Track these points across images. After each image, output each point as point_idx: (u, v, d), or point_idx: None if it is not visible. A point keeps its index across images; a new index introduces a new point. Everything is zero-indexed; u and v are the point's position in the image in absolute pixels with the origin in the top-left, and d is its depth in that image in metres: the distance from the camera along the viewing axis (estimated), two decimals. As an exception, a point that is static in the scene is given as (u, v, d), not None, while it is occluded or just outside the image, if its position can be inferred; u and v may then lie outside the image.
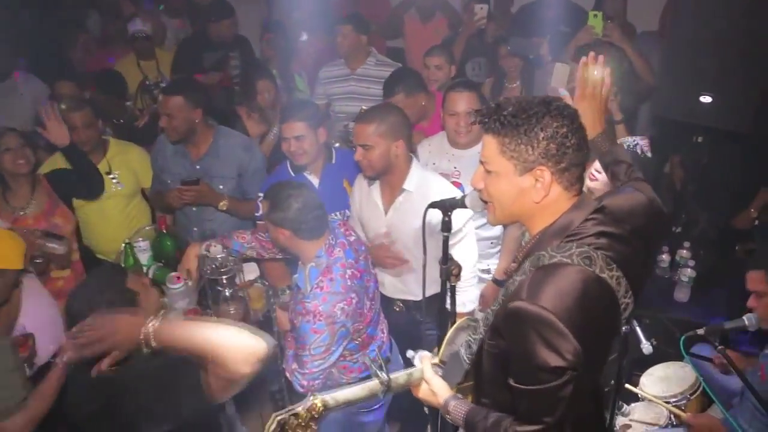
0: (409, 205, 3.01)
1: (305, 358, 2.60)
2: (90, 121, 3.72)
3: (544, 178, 1.62)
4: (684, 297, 3.56)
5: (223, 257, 3.14)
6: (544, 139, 1.59)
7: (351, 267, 2.67)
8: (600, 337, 1.60)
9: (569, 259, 1.57)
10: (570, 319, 1.48)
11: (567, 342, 1.47)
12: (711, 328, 2.54)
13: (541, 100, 1.64)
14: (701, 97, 3.31)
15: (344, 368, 2.83)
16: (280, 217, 2.61)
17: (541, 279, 1.56)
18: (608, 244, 1.62)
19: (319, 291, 2.58)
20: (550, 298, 1.50)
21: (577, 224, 1.64)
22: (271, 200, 2.65)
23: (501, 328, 1.61)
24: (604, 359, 1.72)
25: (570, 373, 1.49)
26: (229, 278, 3.15)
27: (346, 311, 2.59)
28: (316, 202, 2.66)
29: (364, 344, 2.80)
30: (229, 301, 3.18)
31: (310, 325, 2.55)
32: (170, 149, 3.69)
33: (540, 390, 1.53)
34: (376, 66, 4.70)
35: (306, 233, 2.64)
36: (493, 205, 1.76)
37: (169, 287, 3.18)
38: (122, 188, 3.90)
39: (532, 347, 1.50)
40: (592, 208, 1.66)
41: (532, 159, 1.62)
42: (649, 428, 2.87)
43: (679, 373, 3.05)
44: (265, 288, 3.48)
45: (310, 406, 1.74)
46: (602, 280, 1.57)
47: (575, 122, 1.63)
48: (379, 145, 2.92)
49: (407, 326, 3.21)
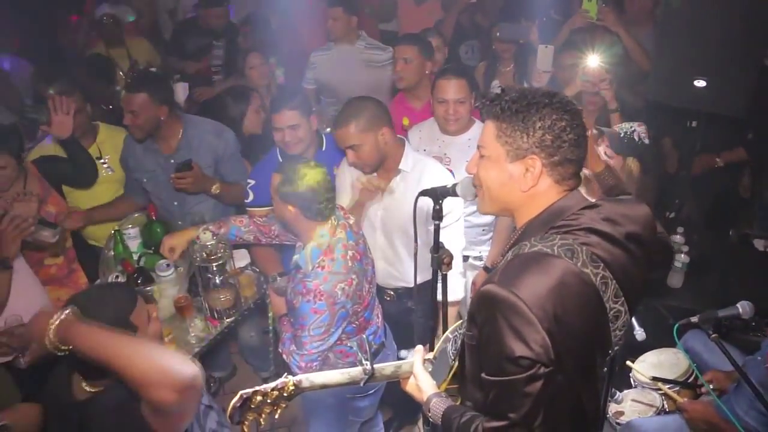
0: (405, 187, 2.98)
1: (304, 339, 2.59)
2: (79, 106, 3.64)
3: (534, 168, 1.60)
4: (677, 283, 3.55)
5: (213, 244, 3.11)
6: (541, 128, 1.58)
7: (352, 248, 2.65)
8: (577, 338, 1.52)
9: (550, 249, 1.54)
10: (541, 308, 1.44)
11: (534, 331, 1.43)
12: (705, 315, 2.52)
13: (545, 92, 1.63)
14: (695, 81, 3.28)
15: (341, 352, 2.81)
16: (291, 193, 2.56)
17: (517, 265, 1.54)
18: (596, 241, 1.58)
19: (321, 270, 2.56)
20: (522, 284, 1.47)
21: (565, 217, 1.61)
22: (285, 175, 2.59)
23: (474, 313, 1.58)
24: (585, 366, 1.61)
25: (538, 367, 1.44)
26: (219, 265, 3.12)
27: (346, 292, 2.57)
28: (329, 185, 2.62)
29: (360, 328, 2.79)
30: (219, 288, 3.17)
31: (310, 305, 2.53)
32: (139, 148, 3.56)
33: (505, 382, 1.49)
34: (366, 49, 4.66)
35: (313, 214, 2.59)
36: (482, 191, 1.74)
37: (159, 274, 3.17)
38: (112, 173, 3.85)
39: (498, 334, 1.47)
40: (584, 204, 1.64)
41: (525, 147, 1.60)
42: (641, 415, 2.86)
43: (672, 359, 3.04)
44: (256, 275, 3.47)
45: (281, 385, 1.74)
46: (584, 276, 1.52)
47: (576, 119, 1.60)
48: (365, 140, 2.88)
49: (399, 315, 3.19)
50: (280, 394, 1.74)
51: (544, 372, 1.44)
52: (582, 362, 1.58)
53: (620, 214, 1.67)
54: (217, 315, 3.21)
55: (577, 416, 1.63)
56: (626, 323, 1.65)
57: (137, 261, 3.40)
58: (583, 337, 1.54)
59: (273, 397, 1.73)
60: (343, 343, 2.77)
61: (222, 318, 3.22)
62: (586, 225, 1.59)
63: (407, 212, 2.91)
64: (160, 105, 3.36)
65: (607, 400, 2.60)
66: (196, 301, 3.27)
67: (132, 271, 3.14)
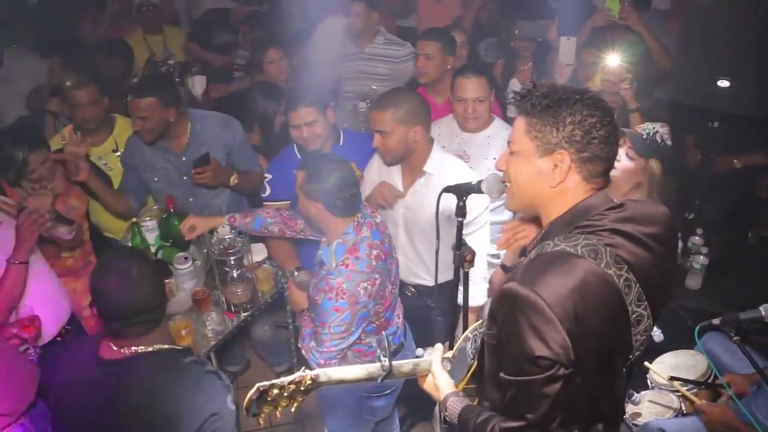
0: (429, 188, 2.97)
1: (324, 337, 2.59)
2: (95, 97, 3.65)
3: (563, 163, 1.59)
4: (696, 284, 3.53)
5: (231, 238, 3.13)
6: (571, 123, 1.56)
7: (377, 248, 2.65)
8: (598, 339, 1.50)
9: (573, 249, 1.52)
10: (562, 308, 1.42)
11: (554, 331, 1.42)
12: (726, 318, 2.49)
13: (577, 88, 1.62)
14: (719, 82, 3.25)
15: (359, 351, 2.81)
16: (315, 189, 2.56)
17: (539, 264, 1.53)
18: (621, 243, 1.56)
19: (344, 268, 2.56)
20: (543, 283, 1.45)
21: (589, 216, 1.59)
22: (309, 171, 2.59)
23: (495, 311, 1.57)
24: (605, 369, 1.59)
25: (557, 368, 1.42)
26: (237, 259, 3.14)
27: (369, 291, 2.57)
28: (353, 180, 2.63)
29: (381, 327, 2.78)
30: (236, 282, 3.19)
31: (332, 302, 2.53)
32: (147, 148, 3.53)
33: (523, 381, 1.48)
34: (385, 45, 4.67)
35: (338, 210, 2.59)
36: (511, 187, 1.73)
37: (177, 267, 3.18)
38: (128, 166, 3.85)
39: (518, 332, 1.45)
40: (610, 204, 1.62)
41: (554, 141, 1.58)
42: (659, 416, 2.85)
43: (690, 361, 3.02)
44: (274, 269, 3.47)
45: (298, 378, 1.73)
46: (607, 277, 1.50)
47: (607, 116, 1.59)
48: (396, 131, 2.88)
49: (419, 311, 3.19)
50: (297, 387, 1.73)
51: (563, 373, 1.43)
52: (601, 364, 1.55)
53: (643, 215, 1.65)
54: (234, 309, 3.23)
55: (594, 418, 1.62)
56: (649, 328, 1.62)
57: (155, 253, 3.41)
58: (604, 338, 1.53)
59: (290, 391, 1.73)
60: (362, 342, 2.77)
61: (239, 312, 3.23)
62: (611, 226, 1.57)
63: (429, 214, 2.92)
64: (169, 107, 3.35)
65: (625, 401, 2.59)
66: (213, 294, 3.28)
67: (150, 264, 3.14)
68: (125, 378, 2.04)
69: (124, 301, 2.00)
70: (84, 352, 2.15)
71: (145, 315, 2.06)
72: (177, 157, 3.52)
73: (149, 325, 2.09)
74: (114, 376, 2.05)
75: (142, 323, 2.06)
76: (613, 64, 3.39)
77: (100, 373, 2.06)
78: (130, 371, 2.05)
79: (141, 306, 2.04)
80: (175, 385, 2.04)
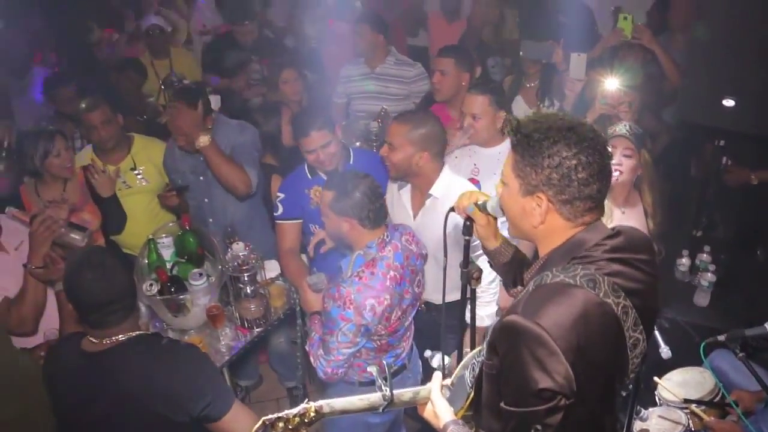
0: (435, 211, 3.03)
1: (332, 345, 2.64)
2: (108, 117, 3.75)
3: (541, 205, 1.60)
4: (703, 302, 3.54)
5: (245, 255, 3.19)
6: (549, 167, 1.55)
7: (395, 270, 2.68)
8: (599, 368, 1.52)
9: (572, 279, 1.53)
10: (565, 340, 1.43)
11: (558, 363, 1.42)
12: (732, 334, 2.51)
13: (565, 124, 1.58)
14: (724, 101, 3.29)
15: (359, 366, 2.84)
16: (346, 206, 2.63)
17: (540, 296, 1.53)
18: (618, 270, 1.57)
19: (357, 280, 2.61)
20: (545, 315, 1.46)
21: (587, 247, 1.60)
22: (337, 190, 2.66)
23: (495, 343, 1.56)
24: (604, 395, 1.61)
25: (559, 400, 1.43)
26: (250, 275, 3.20)
27: (375, 309, 2.60)
28: (379, 191, 2.70)
29: (381, 349, 2.81)
30: (250, 298, 3.24)
31: (339, 310, 2.58)
32: (177, 152, 3.76)
33: (525, 413, 1.47)
34: (396, 65, 4.73)
35: (369, 222, 2.66)
36: (506, 216, 1.77)
37: (191, 283, 3.23)
38: (147, 184, 3.95)
39: (521, 364, 1.46)
40: (606, 234, 1.63)
41: (534, 183, 1.59)
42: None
43: (698, 378, 3.03)
44: (286, 286, 3.53)
45: (302, 411, 1.77)
46: (606, 306, 1.51)
47: (593, 155, 1.55)
48: (403, 148, 2.95)
49: (428, 327, 3.21)
50: (301, 420, 1.76)
51: (564, 404, 1.44)
52: (601, 392, 1.57)
53: (634, 241, 1.67)
54: (248, 324, 3.29)
55: None
56: (643, 351, 1.64)
57: (170, 270, 3.47)
58: (605, 368, 1.55)
59: (294, 423, 1.75)
60: (361, 357, 2.80)
61: (252, 327, 3.29)
62: (608, 256, 1.59)
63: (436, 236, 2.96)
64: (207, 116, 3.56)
65: (633, 418, 2.61)
66: (226, 310, 3.35)
67: (166, 280, 3.22)
68: (111, 366, 2.18)
69: (101, 290, 2.16)
70: (68, 350, 2.30)
71: (121, 302, 2.21)
72: (194, 157, 3.67)
73: (125, 312, 2.23)
74: (100, 367, 2.19)
75: (119, 311, 2.21)
76: (611, 88, 3.46)
77: (87, 367, 2.21)
78: (115, 360, 2.19)
79: (116, 294, 2.19)
80: (164, 364, 2.21)
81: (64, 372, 2.28)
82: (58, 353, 2.38)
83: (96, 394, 2.19)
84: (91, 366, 2.21)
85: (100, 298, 2.16)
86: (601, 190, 1.60)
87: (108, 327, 2.21)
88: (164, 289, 3.19)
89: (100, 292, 2.16)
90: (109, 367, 2.19)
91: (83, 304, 2.20)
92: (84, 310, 2.21)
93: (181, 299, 3.17)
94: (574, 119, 1.63)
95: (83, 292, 2.18)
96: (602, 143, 1.60)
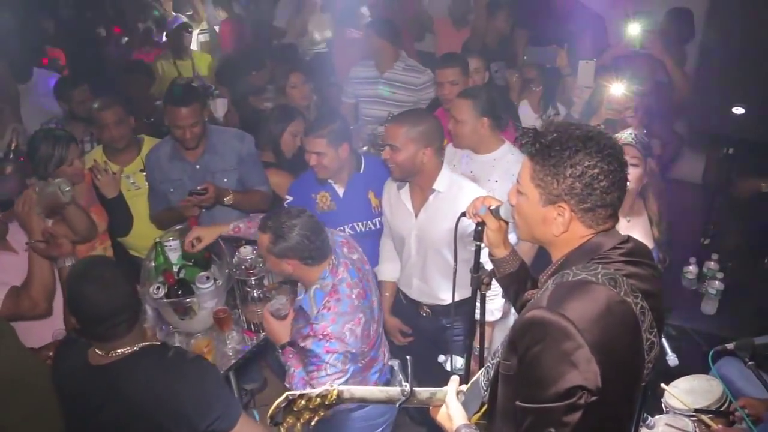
0: (439, 206, 3.02)
1: (322, 380, 2.52)
2: (121, 117, 3.77)
3: (564, 215, 1.61)
4: (711, 310, 3.53)
5: (252, 258, 3.19)
6: (571, 176, 1.56)
7: (356, 286, 2.65)
8: (621, 368, 1.51)
9: (594, 277, 1.54)
10: (590, 333, 1.43)
11: (585, 355, 1.42)
12: (741, 342, 2.50)
13: (584, 133, 1.59)
14: (734, 109, 3.29)
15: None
16: (286, 248, 2.54)
17: (564, 292, 1.53)
18: (634, 272, 1.59)
19: (327, 312, 2.55)
20: (570, 308, 1.46)
21: (605, 250, 1.62)
22: (273, 232, 2.55)
23: (516, 340, 1.55)
24: (626, 397, 1.59)
25: (580, 396, 1.42)
26: (257, 279, 3.20)
27: (355, 332, 2.57)
28: (318, 226, 2.61)
29: (366, 367, 2.78)
30: (257, 302, 3.24)
31: (322, 344, 2.53)
32: (165, 159, 3.66)
33: (543, 409, 1.46)
34: (404, 71, 4.72)
35: (313, 260, 2.59)
36: (518, 221, 1.77)
37: (198, 287, 3.23)
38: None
39: (545, 358, 1.45)
40: (620, 239, 1.65)
41: (556, 193, 1.60)
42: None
43: (705, 386, 3.02)
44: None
45: (324, 392, 1.76)
46: (626, 305, 1.52)
47: (613, 164, 1.57)
48: (406, 148, 2.95)
49: (434, 332, 3.22)
50: (322, 401, 1.76)
51: (585, 402, 1.43)
52: (623, 393, 1.56)
53: (642, 249, 1.70)
54: (254, 328, 3.29)
55: None
56: (657, 356, 1.64)
57: (177, 273, 3.47)
58: (627, 368, 1.54)
59: (315, 404, 1.75)
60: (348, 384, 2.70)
61: (258, 331, 3.29)
62: (624, 258, 1.60)
63: (440, 232, 2.97)
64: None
65: (639, 425, 2.60)
66: (233, 313, 3.35)
67: (173, 283, 3.22)
68: (117, 383, 2.15)
69: (103, 303, 2.11)
70: (74, 359, 2.26)
71: (124, 314, 2.16)
72: (191, 166, 3.64)
73: (129, 324, 2.19)
74: (106, 382, 2.16)
75: (122, 323, 2.16)
76: (617, 93, 3.46)
77: (93, 380, 2.17)
78: (121, 375, 2.15)
79: (118, 306, 2.15)
80: (171, 381, 2.16)
81: (71, 381, 2.26)
82: (65, 358, 2.34)
83: (102, 406, 2.16)
84: (97, 380, 2.17)
85: (102, 311, 2.12)
86: (620, 198, 1.62)
87: (113, 339, 2.17)
88: (171, 292, 3.19)
89: (101, 305, 2.11)
90: (115, 383, 2.15)
91: (85, 317, 2.16)
92: (87, 323, 2.17)
93: (188, 302, 3.17)
94: (591, 128, 1.64)
95: (84, 305, 2.14)
96: (620, 151, 1.61)
